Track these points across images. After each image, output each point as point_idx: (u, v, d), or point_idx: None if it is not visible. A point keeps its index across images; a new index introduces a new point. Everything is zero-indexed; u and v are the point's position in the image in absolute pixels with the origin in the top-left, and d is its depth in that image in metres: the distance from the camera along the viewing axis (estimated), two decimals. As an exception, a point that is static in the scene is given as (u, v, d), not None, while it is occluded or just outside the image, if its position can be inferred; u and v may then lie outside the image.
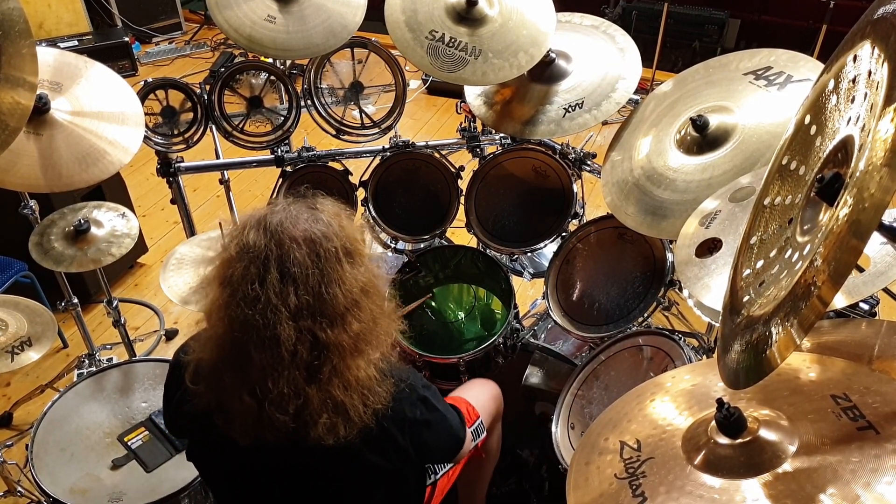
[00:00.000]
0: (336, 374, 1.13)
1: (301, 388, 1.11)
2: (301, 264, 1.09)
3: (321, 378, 1.12)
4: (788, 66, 1.55)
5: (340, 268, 1.12)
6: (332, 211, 1.18)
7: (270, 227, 1.10)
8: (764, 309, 0.83)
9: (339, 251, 1.13)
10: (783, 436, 0.85)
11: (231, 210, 2.80)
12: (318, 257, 1.10)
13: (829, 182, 0.76)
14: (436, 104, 4.59)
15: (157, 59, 5.21)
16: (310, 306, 1.10)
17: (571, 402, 1.74)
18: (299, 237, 1.10)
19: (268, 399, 1.11)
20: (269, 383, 1.10)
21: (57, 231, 2.00)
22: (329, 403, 1.13)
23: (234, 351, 1.12)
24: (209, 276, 1.17)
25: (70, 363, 2.63)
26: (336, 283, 1.11)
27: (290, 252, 1.09)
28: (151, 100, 2.08)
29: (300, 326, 1.10)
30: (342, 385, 1.13)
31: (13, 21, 1.48)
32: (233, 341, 1.12)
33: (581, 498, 1.00)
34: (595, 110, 1.84)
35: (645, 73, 2.03)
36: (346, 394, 1.13)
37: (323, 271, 1.10)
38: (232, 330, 1.11)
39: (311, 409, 1.12)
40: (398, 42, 1.86)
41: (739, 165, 1.48)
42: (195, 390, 1.18)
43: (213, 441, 1.24)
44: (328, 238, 1.12)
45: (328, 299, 1.11)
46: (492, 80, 1.86)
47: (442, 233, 2.17)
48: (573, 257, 2.00)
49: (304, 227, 1.11)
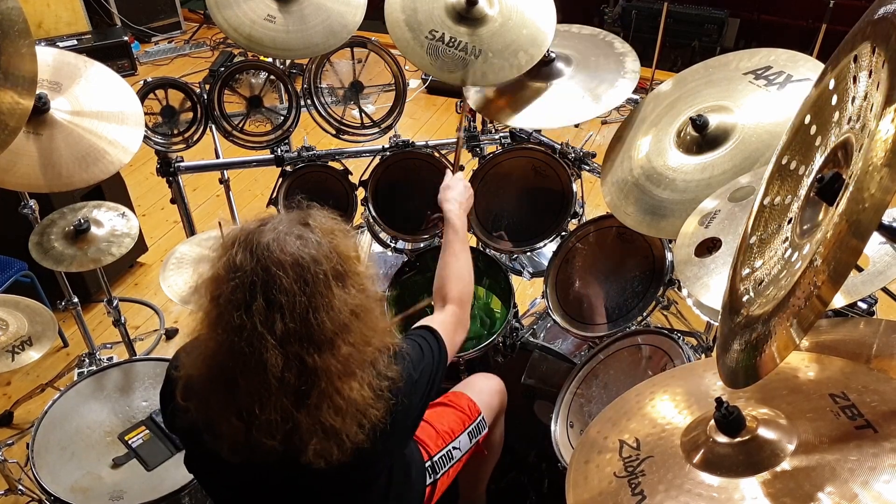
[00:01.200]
0: (325, 399, 1.11)
1: (289, 414, 1.09)
2: (288, 291, 1.06)
3: (310, 403, 1.10)
4: (788, 66, 1.55)
5: (329, 292, 1.09)
6: (325, 228, 1.14)
7: (258, 251, 1.07)
8: (763, 308, 0.83)
9: (329, 274, 1.10)
10: (782, 434, 0.86)
11: (231, 209, 2.80)
12: (306, 283, 1.07)
13: (828, 182, 0.77)
14: (435, 103, 4.59)
15: (157, 59, 5.21)
16: (296, 333, 1.07)
17: (571, 401, 1.75)
18: (287, 262, 1.07)
19: (254, 425, 1.10)
20: (256, 409, 1.08)
21: (57, 231, 2.00)
22: (318, 428, 1.11)
23: (222, 373, 1.10)
24: (203, 283, 1.14)
25: (70, 362, 2.64)
26: (323, 309, 1.09)
27: (277, 280, 1.06)
28: (151, 99, 2.07)
29: (287, 352, 1.07)
30: (332, 409, 1.11)
31: (12, 20, 1.48)
32: (220, 364, 1.10)
33: (580, 496, 1.00)
34: (595, 104, 1.83)
35: (644, 73, 2.03)
36: (336, 418, 1.11)
37: (310, 297, 1.08)
38: (219, 352, 1.10)
39: (301, 433, 1.11)
40: (398, 42, 1.86)
41: (739, 165, 1.48)
42: (185, 407, 1.16)
43: (206, 455, 1.22)
44: (317, 262, 1.09)
45: (315, 326, 1.08)
46: (491, 80, 1.87)
47: (442, 232, 2.17)
48: (572, 256, 2.00)
49: (292, 250, 1.08)
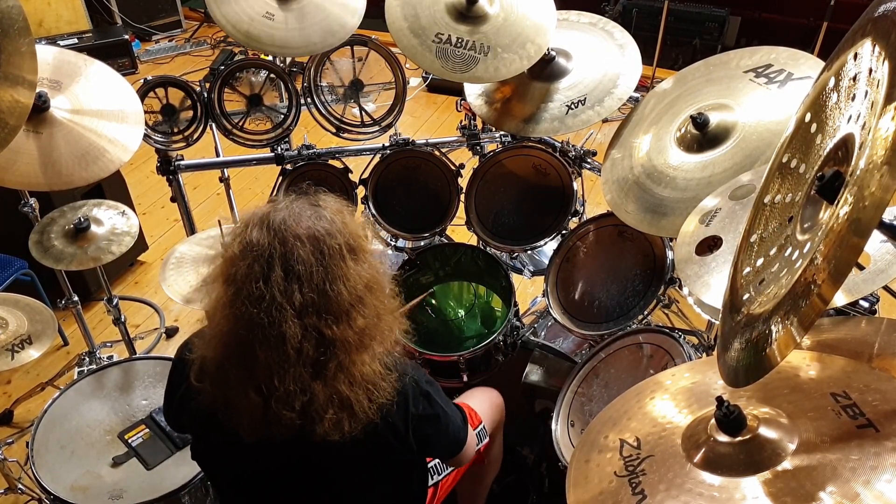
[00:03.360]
0: (341, 370, 1.13)
1: (307, 385, 1.12)
2: (305, 262, 1.09)
3: (327, 374, 1.13)
4: (789, 64, 1.55)
5: (344, 264, 1.12)
6: (334, 207, 1.18)
7: (274, 225, 1.10)
8: (764, 307, 0.83)
9: (343, 248, 1.13)
10: (783, 434, 0.85)
11: (231, 208, 2.79)
12: (322, 254, 1.10)
13: (829, 180, 0.76)
14: (436, 102, 4.59)
15: (157, 57, 5.21)
16: (314, 303, 1.10)
17: (571, 400, 1.74)
18: (303, 235, 1.10)
19: (274, 396, 1.11)
20: (275, 381, 1.10)
21: (57, 229, 2.00)
22: (335, 399, 1.13)
23: (239, 349, 1.12)
24: (212, 273, 1.17)
25: (70, 361, 2.64)
26: (340, 280, 1.12)
27: (294, 250, 1.09)
28: (151, 98, 2.07)
29: (305, 324, 1.10)
30: (347, 381, 1.14)
31: (12, 19, 1.47)
32: (238, 339, 1.12)
33: (581, 495, 1.00)
34: (598, 106, 1.84)
35: (645, 71, 2.02)
36: (351, 389, 1.14)
37: (327, 268, 1.11)
38: (237, 328, 1.12)
39: (318, 405, 1.13)
40: (406, 50, 1.86)
41: (739, 163, 1.48)
42: (200, 388, 1.18)
43: (218, 439, 1.24)
44: (331, 235, 1.12)
45: (333, 296, 1.11)
46: (504, 74, 1.85)
47: (442, 231, 2.17)
48: (573, 255, 2.00)
49: (308, 224, 1.11)
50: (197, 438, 1.36)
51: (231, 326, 1.12)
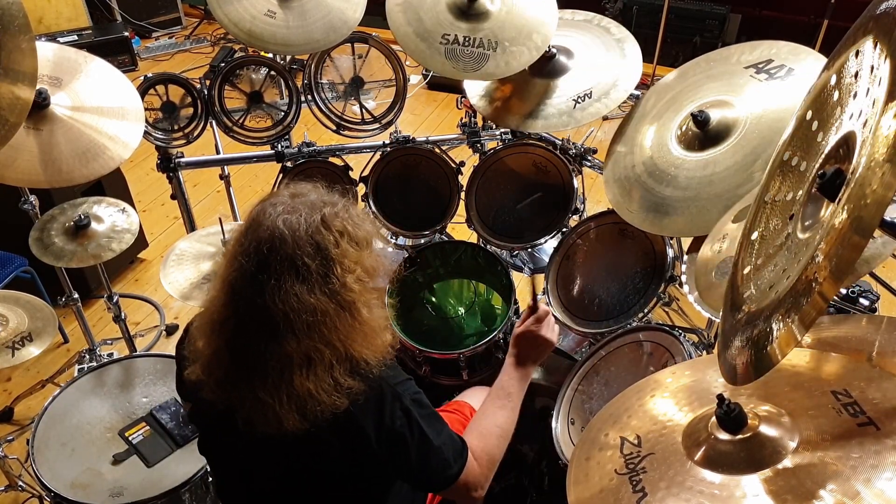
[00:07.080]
0: (345, 361, 1.15)
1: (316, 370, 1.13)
2: (307, 254, 1.12)
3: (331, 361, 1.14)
4: (790, 59, 1.54)
5: (346, 252, 1.15)
6: (333, 202, 1.22)
7: (268, 219, 1.13)
8: (764, 305, 0.82)
9: (343, 234, 1.17)
10: (783, 432, 0.85)
11: (231, 205, 2.79)
12: (319, 247, 1.13)
13: (830, 178, 0.76)
14: (436, 99, 4.58)
15: (157, 54, 5.20)
16: (320, 284, 1.12)
17: (572, 398, 1.75)
18: (301, 227, 1.12)
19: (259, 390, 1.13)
20: (259, 375, 1.13)
21: (57, 226, 2.00)
22: (330, 386, 1.13)
23: (228, 342, 1.15)
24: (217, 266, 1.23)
25: (71, 358, 2.64)
26: (342, 267, 1.14)
27: (290, 240, 1.11)
28: (151, 95, 2.07)
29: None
30: (349, 369, 1.15)
31: (12, 16, 1.47)
32: (225, 332, 1.15)
33: (581, 493, 1.00)
34: (605, 98, 1.83)
35: (646, 69, 2.02)
36: (349, 379, 1.14)
37: (326, 259, 1.13)
38: (231, 318, 1.15)
39: (318, 398, 1.13)
40: (414, 54, 1.86)
41: (741, 161, 1.47)
42: (192, 375, 1.20)
43: (216, 430, 1.27)
44: (328, 227, 1.15)
45: (337, 284, 1.14)
46: (515, 67, 1.84)
47: (442, 228, 2.17)
48: (573, 253, 2.00)
49: (304, 217, 1.13)
50: (201, 432, 1.38)
51: (226, 316, 1.16)
